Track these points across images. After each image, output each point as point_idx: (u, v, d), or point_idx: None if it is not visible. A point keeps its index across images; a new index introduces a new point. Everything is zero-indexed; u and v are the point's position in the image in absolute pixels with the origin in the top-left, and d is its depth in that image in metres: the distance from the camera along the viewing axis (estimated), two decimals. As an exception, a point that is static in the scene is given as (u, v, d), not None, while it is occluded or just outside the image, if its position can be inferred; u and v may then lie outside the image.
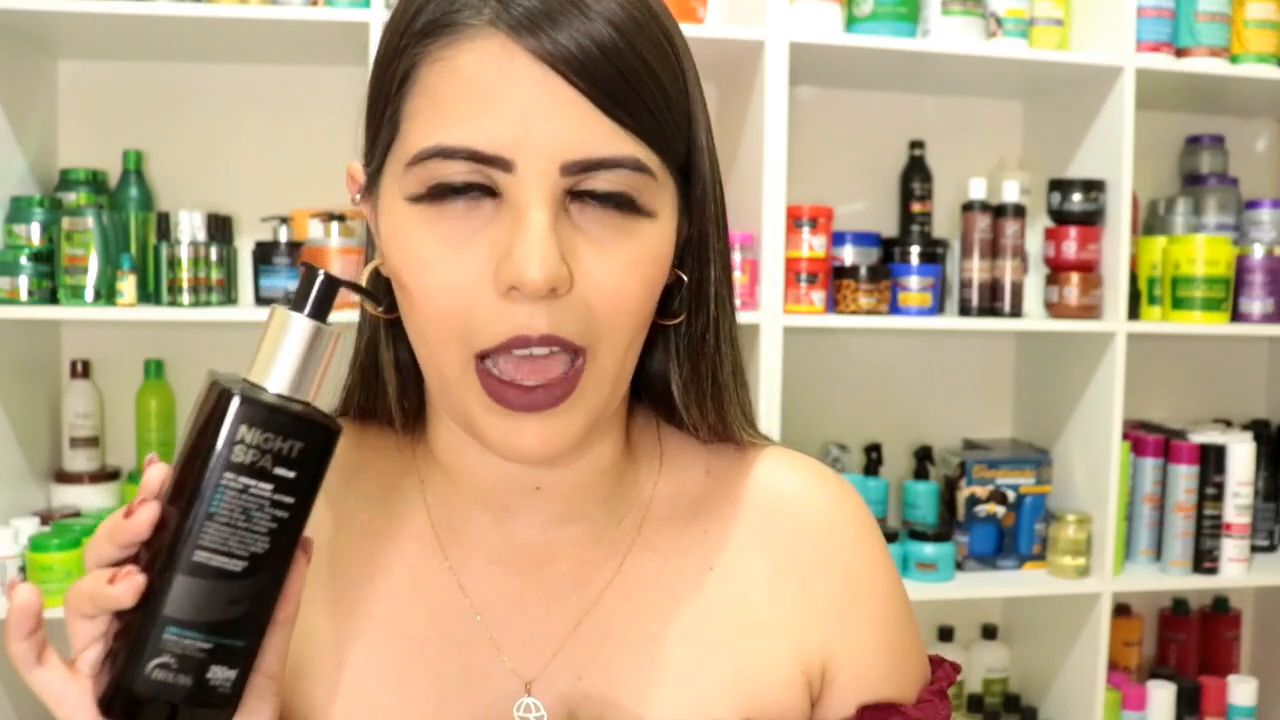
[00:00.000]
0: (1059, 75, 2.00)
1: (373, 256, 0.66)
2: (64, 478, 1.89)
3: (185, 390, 1.95)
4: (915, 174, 2.10)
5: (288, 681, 0.63)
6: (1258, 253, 2.00)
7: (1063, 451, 2.06)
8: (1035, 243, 2.07)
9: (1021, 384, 2.24)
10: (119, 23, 1.70)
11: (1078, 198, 1.94)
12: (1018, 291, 1.97)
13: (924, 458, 2.13)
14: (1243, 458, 2.00)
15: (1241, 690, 2.04)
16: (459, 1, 0.57)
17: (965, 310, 1.98)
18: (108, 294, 1.73)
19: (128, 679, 0.50)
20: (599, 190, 0.57)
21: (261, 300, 1.84)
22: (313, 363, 0.52)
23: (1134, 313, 1.99)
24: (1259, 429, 2.18)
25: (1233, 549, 1.99)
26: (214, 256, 1.76)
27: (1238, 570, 2.00)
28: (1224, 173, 2.22)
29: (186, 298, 1.74)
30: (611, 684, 0.65)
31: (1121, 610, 2.18)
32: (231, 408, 0.50)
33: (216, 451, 0.49)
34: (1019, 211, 1.97)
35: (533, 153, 0.55)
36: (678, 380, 0.67)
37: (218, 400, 0.50)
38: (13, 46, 1.79)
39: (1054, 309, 1.97)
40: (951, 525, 1.98)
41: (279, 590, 0.52)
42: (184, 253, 1.74)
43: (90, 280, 1.71)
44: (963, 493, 1.97)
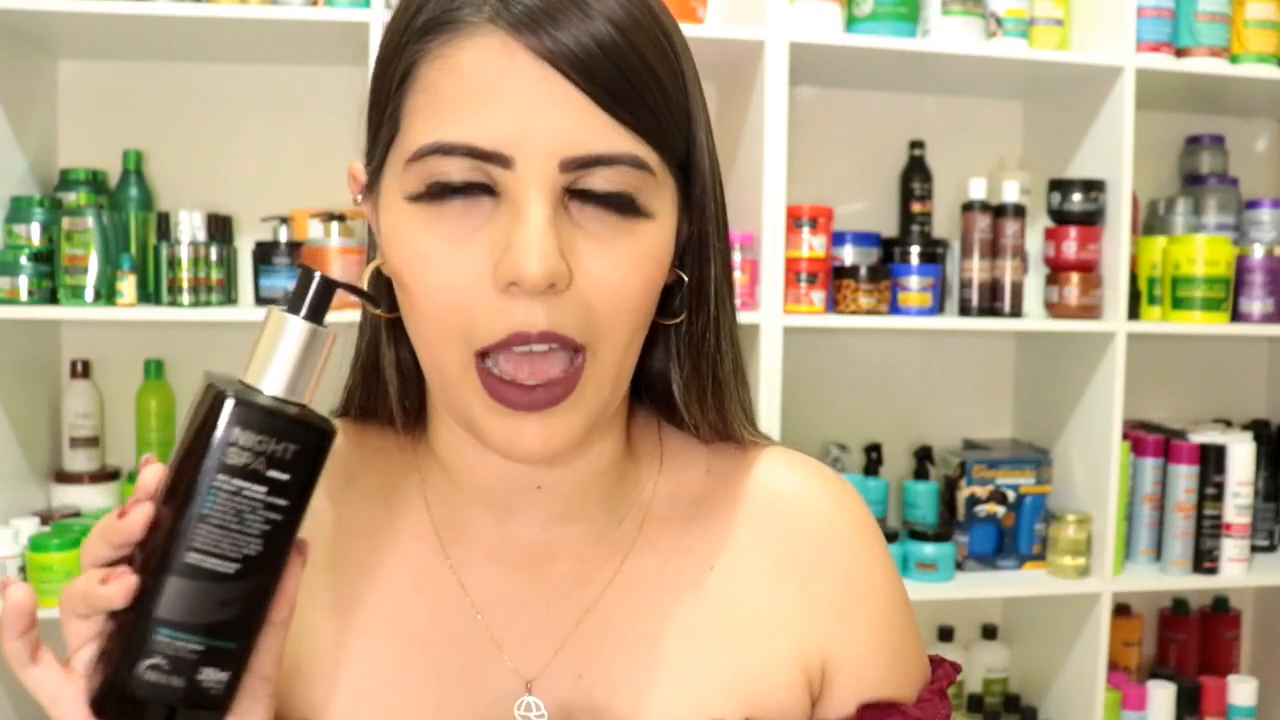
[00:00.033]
0: (1059, 75, 2.00)
1: (374, 257, 0.66)
2: (64, 478, 1.89)
3: (185, 390, 1.95)
4: (915, 174, 2.10)
5: (288, 681, 0.63)
6: (1258, 253, 2.00)
7: (1063, 451, 2.06)
8: (1035, 243, 2.07)
9: (1021, 384, 2.24)
10: (119, 23, 1.70)
11: (1078, 198, 1.94)
12: (1018, 291, 1.97)
13: (924, 458, 2.13)
14: (1243, 458, 1.99)
15: (1241, 690, 2.04)
16: None
17: (965, 310, 1.98)
18: (108, 294, 1.73)
19: (119, 679, 0.50)
20: (598, 189, 0.57)
21: (261, 300, 1.84)
22: (308, 365, 0.52)
23: (1134, 313, 1.98)
24: (1259, 429, 2.18)
25: (1233, 549, 1.99)
26: (214, 256, 1.76)
27: (1238, 570, 2.00)
28: (1224, 173, 2.22)
29: (186, 298, 1.74)
30: (612, 683, 0.65)
31: (1121, 610, 2.18)
32: (225, 409, 0.49)
33: (209, 453, 0.49)
34: (1019, 211, 1.97)
35: (532, 149, 0.55)
36: (678, 379, 0.67)
37: (212, 402, 0.50)
38: (13, 46, 1.79)
39: (1054, 309, 1.97)
40: (951, 525, 1.98)
41: (272, 593, 0.52)
42: (184, 253, 1.74)
43: (90, 280, 1.71)
44: (963, 493, 1.97)
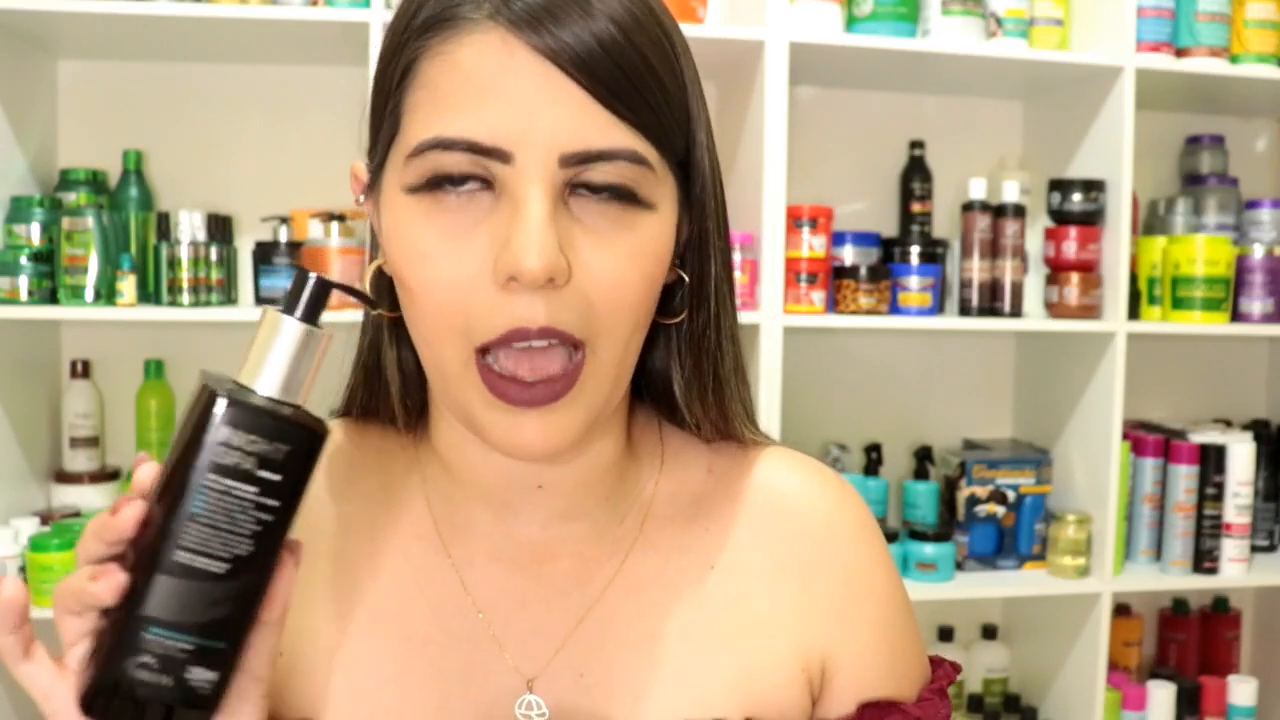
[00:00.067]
0: (1059, 75, 2.00)
1: (376, 257, 0.66)
2: (64, 478, 1.89)
3: (185, 390, 1.91)
4: (915, 174, 2.10)
5: (288, 679, 0.63)
6: (1258, 253, 2.00)
7: (1063, 451, 2.06)
8: (1035, 243, 2.07)
9: (1021, 384, 2.24)
10: (119, 23, 1.70)
11: (1078, 198, 1.94)
12: (1018, 291, 1.97)
13: (924, 458, 2.13)
14: (1243, 458, 1.99)
15: (1241, 690, 2.04)
16: None
17: (965, 310, 1.98)
18: (108, 294, 1.72)
19: (108, 677, 0.50)
20: (597, 182, 0.57)
21: (261, 300, 1.84)
22: (302, 366, 0.52)
23: (1134, 313, 1.98)
24: (1259, 429, 2.18)
25: (1233, 549, 1.99)
26: (214, 256, 1.76)
27: (1238, 570, 2.00)
28: (1224, 173, 2.22)
29: (186, 298, 1.74)
30: (613, 682, 0.65)
31: (1121, 610, 2.18)
32: (216, 409, 0.50)
33: (200, 452, 0.49)
34: (1019, 211, 1.97)
35: (531, 144, 0.55)
36: (679, 377, 0.67)
37: (204, 402, 0.50)
38: (13, 46, 1.79)
39: (1054, 309, 1.97)
40: (951, 525, 1.98)
41: (263, 593, 0.52)
42: (184, 253, 1.74)
43: (90, 280, 1.71)
44: (963, 493, 1.97)
